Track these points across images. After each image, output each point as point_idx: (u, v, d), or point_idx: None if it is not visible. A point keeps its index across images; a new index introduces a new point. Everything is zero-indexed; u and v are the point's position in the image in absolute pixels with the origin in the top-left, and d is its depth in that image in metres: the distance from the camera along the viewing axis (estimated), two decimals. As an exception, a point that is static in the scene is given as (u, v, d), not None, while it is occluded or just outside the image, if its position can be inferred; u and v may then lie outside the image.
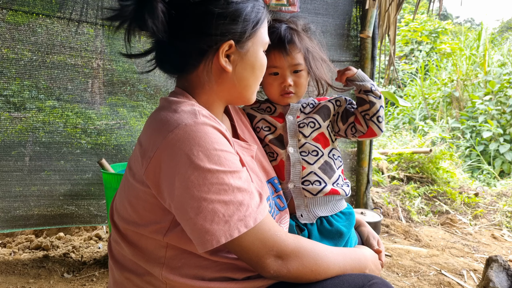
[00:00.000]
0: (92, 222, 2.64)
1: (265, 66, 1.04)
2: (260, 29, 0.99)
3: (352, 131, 1.24)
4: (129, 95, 2.61)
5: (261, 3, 1.00)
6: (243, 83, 1.00)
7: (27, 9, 2.29)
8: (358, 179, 3.27)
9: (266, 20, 1.03)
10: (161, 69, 1.03)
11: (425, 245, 2.97)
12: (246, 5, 0.95)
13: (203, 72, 0.96)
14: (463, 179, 4.89)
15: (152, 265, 0.91)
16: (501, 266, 1.98)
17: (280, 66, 1.18)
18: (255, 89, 1.05)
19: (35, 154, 2.42)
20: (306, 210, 1.17)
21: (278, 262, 0.87)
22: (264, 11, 1.01)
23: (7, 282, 2.09)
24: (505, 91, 6.14)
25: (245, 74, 0.99)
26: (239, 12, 0.93)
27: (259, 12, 0.98)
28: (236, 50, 0.96)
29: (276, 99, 1.24)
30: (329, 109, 1.25)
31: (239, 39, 0.95)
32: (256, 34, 0.98)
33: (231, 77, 0.98)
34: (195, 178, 0.80)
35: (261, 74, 1.04)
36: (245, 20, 0.94)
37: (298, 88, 1.21)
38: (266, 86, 1.23)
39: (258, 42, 0.99)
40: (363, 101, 1.20)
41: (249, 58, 0.98)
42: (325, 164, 1.19)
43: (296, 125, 1.21)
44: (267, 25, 1.05)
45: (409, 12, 11.06)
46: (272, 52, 1.17)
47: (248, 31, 0.95)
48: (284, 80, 1.19)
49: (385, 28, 3.17)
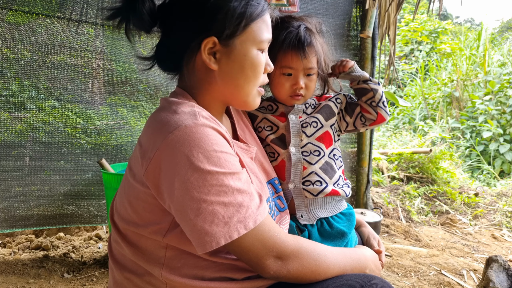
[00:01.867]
0: (92, 222, 2.64)
1: (260, 66, 0.97)
2: (252, 26, 0.94)
3: (362, 121, 1.24)
4: (129, 95, 2.61)
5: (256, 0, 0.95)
6: (233, 83, 0.96)
7: (27, 9, 2.29)
8: (358, 179, 3.27)
9: (265, 18, 0.97)
10: (159, 67, 1.03)
11: (425, 245, 2.97)
12: (230, 1, 0.91)
13: (192, 70, 0.97)
14: (463, 179, 4.89)
15: (152, 265, 0.91)
16: (501, 266, 1.98)
17: (296, 68, 1.16)
18: (250, 91, 0.98)
19: (35, 154, 2.42)
20: (306, 211, 1.17)
21: (278, 263, 0.87)
22: (259, 7, 0.95)
23: (7, 282, 2.09)
24: (505, 91, 6.14)
25: (233, 73, 0.95)
26: (219, 7, 0.90)
27: (249, 8, 0.92)
28: (221, 48, 0.93)
29: (284, 99, 1.22)
30: (331, 108, 1.24)
31: (221, 35, 0.91)
32: (245, 31, 0.93)
33: (219, 76, 0.95)
34: (195, 180, 0.80)
35: (253, 75, 0.97)
36: (226, 17, 0.90)
37: (308, 91, 1.20)
38: (276, 85, 1.20)
39: (249, 40, 0.94)
40: (365, 90, 1.21)
41: (236, 57, 0.94)
42: (326, 164, 1.19)
43: (299, 125, 1.21)
44: (270, 22, 1.00)
45: (409, 12, 11.06)
46: (289, 53, 1.14)
47: (229, 27, 0.91)
48: (297, 82, 1.17)
49: (385, 28, 3.17)
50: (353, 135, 3.26)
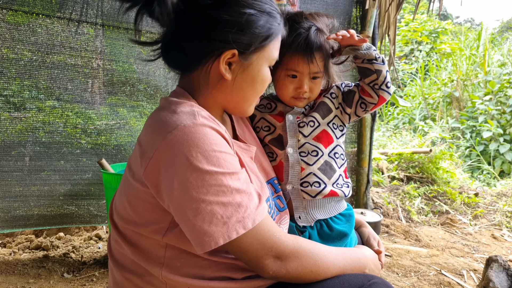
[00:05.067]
0: (92, 222, 2.64)
1: (267, 82, 1.01)
2: (270, 45, 0.96)
3: (362, 107, 1.20)
4: (129, 95, 2.61)
5: (277, 20, 0.97)
6: (241, 94, 0.98)
7: (27, 9, 2.29)
8: (358, 179, 3.27)
9: (279, 38, 1.00)
10: (165, 62, 1.02)
11: (425, 245, 2.97)
12: (259, 18, 0.92)
13: (203, 74, 0.96)
14: (463, 179, 4.89)
15: (152, 265, 0.91)
16: (501, 266, 1.98)
17: (301, 72, 1.14)
18: (253, 102, 1.03)
19: (35, 154, 2.42)
20: (304, 212, 1.15)
21: (277, 263, 0.87)
22: (279, 28, 0.98)
23: (7, 282, 2.09)
24: (505, 91, 6.14)
25: (244, 85, 0.97)
26: (249, 24, 0.91)
27: (271, 27, 0.95)
28: (238, 60, 0.94)
29: (287, 100, 1.20)
30: (327, 105, 1.21)
31: (243, 50, 0.92)
32: (263, 49, 0.95)
33: (230, 86, 0.96)
34: (194, 180, 0.80)
35: (261, 89, 1.01)
36: (254, 33, 0.92)
37: (312, 94, 1.18)
38: (280, 86, 1.18)
39: (264, 57, 0.97)
40: (369, 71, 1.15)
41: (250, 71, 0.96)
42: (325, 164, 1.17)
43: (296, 125, 1.19)
44: (280, 39, 1.01)
45: (409, 12, 11.06)
46: (296, 56, 1.12)
47: (254, 44, 0.93)
48: (301, 85, 1.15)
49: (385, 28, 3.17)
50: (353, 135, 3.26)
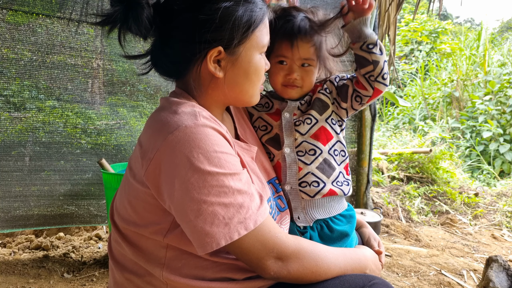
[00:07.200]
0: (92, 222, 2.64)
1: (263, 70, 1.00)
2: (255, 32, 0.94)
3: (358, 101, 1.16)
4: (129, 95, 2.61)
5: (257, 5, 0.94)
6: (237, 88, 0.97)
7: (27, 9, 2.29)
8: (358, 179, 3.27)
9: (266, 22, 0.98)
10: (156, 71, 1.02)
11: (425, 245, 2.97)
12: (236, 9, 0.90)
13: (195, 77, 0.96)
14: (463, 179, 4.89)
15: (152, 266, 0.91)
16: (501, 266, 1.98)
17: (289, 57, 1.12)
18: (254, 92, 1.01)
19: (35, 154, 2.42)
20: (303, 213, 1.13)
21: (278, 264, 0.87)
22: (261, 12, 0.95)
23: (7, 282, 2.09)
24: (505, 91, 6.14)
25: (238, 79, 0.96)
26: (226, 18, 0.89)
27: (252, 15, 0.92)
28: (226, 56, 0.93)
29: (279, 89, 1.17)
30: (323, 100, 1.18)
31: (228, 45, 0.91)
32: (248, 38, 0.93)
33: (223, 83, 0.95)
34: (195, 181, 0.80)
35: (257, 78, 0.99)
36: (234, 26, 0.90)
37: (304, 83, 1.15)
38: (271, 73, 1.16)
39: (252, 46, 0.95)
40: (366, 61, 1.11)
41: (241, 64, 0.95)
42: (323, 162, 1.14)
43: (292, 123, 1.16)
44: (270, 23, 1.00)
45: (409, 12, 11.05)
46: (281, 41, 1.10)
47: (237, 36, 0.91)
48: (290, 72, 1.12)
49: (385, 28, 3.17)
50: (353, 135, 3.26)
